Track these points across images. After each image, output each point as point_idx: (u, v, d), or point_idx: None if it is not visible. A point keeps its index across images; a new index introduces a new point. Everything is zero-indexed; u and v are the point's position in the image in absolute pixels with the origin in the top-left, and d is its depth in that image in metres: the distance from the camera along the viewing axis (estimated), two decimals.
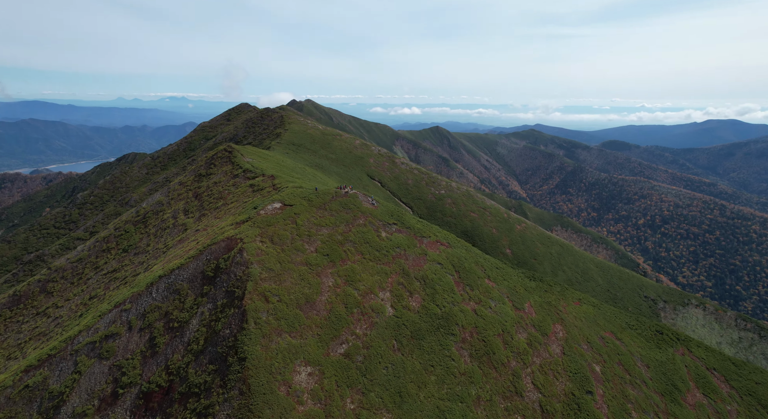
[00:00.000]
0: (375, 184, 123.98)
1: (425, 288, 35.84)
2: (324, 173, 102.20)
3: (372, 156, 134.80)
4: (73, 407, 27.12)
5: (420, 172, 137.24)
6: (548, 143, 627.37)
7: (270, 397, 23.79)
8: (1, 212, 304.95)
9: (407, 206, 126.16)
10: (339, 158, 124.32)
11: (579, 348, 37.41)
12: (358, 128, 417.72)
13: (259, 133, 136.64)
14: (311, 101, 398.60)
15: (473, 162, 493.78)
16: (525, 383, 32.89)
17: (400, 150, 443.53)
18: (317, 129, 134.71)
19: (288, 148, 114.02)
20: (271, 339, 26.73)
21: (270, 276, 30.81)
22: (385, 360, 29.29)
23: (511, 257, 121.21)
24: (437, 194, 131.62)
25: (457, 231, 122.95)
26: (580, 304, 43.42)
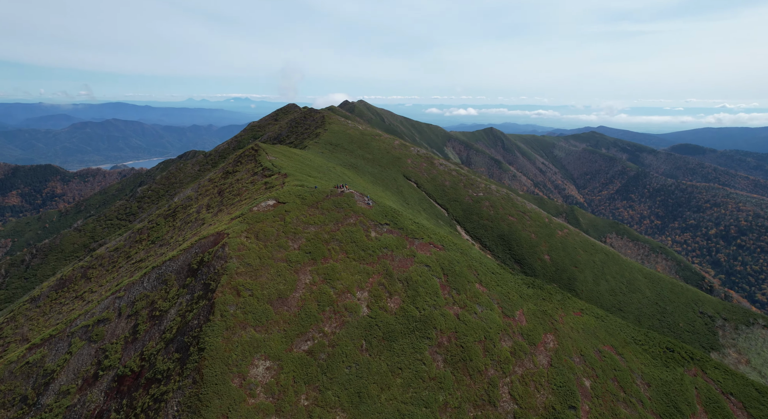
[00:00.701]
0: (410, 185, 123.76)
1: (407, 290, 35.55)
2: (356, 173, 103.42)
3: (410, 157, 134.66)
4: (59, 385, 29.51)
5: (458, 174, 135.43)
6: (610, 146, 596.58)
7: (221, 388, 24.69)
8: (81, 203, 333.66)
9: (442, 207, 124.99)
10: (376, 159, 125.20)
11: (569, 361, 35.58)
12: (410, 128, 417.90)
13: (301, 132, 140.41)
14: (363, 102, 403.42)
15: (528, 165, 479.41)
16: (501, 393, 31.80)
17: (451, 151, 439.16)
18: (357, 130, 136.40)
19: (325, 147, 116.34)
20: (234, 331, 27.70)
21: (247, 271, 31.88)
22: (349, 359, 29.42)
23: (549, 264, 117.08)
24: (475, 197, 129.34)
25: (493, 235, 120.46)
26: (581, 315, 41.24)
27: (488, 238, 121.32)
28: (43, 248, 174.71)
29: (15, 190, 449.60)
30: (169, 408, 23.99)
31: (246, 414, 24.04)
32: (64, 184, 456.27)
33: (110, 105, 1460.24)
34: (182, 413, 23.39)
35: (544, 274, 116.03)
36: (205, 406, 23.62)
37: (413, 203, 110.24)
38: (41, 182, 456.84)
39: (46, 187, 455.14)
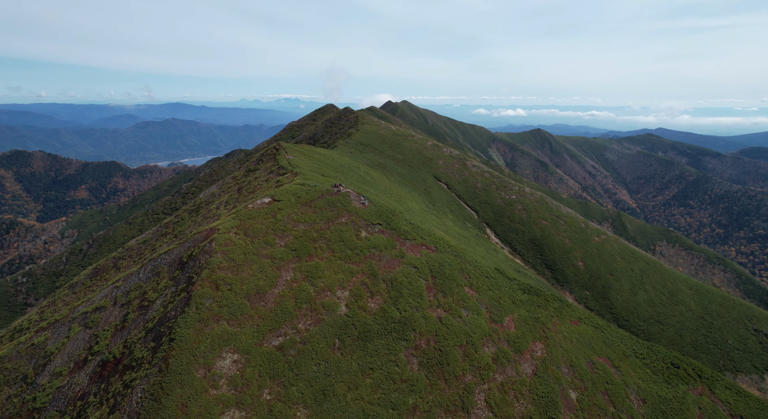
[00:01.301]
0: (440, 186, 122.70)
1: (390, 291, 35.40)
2: (383, 173, 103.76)
3: (442, 158, 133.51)
4: (54, 366, 31.66)
5: (491, 175, 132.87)
6: (668, 149, 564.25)
7: (185, 378, 25.65)
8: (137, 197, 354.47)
9: (473, 210, 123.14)
10: (406, 159, 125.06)
11: (556, 371, 34.17)
12: (453, 129, 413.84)
13: (335, 132, 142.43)
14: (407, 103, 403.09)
15: (576, 168, 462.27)
16: (476, 399, 31.04)
17: (495, 153, 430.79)
18: (389, 130, 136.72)
19: (355, 147, 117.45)
20: (207, 324, 28.68)
21: (229, 266, 32.88)
22: (319, 357, 29.71)
23: (582, 271, 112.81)
24: (507, 199, 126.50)
25: (524, 239, 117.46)
26: (579, 324, 39.45)
27: (518, 242, 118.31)
28: (98, 239, 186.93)
29: (84, 184, 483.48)
30: (134, 394, 25.22)
31: (206, 405, 24.87)
32: (125, 179, 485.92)
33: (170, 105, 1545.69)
34: (145, 399, 24.52)
35: (577, 281, 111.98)
36: (167, 394, 24.63)
37: (441, 204, 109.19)
38: (106, 178, 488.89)
39: (110, 182, 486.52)
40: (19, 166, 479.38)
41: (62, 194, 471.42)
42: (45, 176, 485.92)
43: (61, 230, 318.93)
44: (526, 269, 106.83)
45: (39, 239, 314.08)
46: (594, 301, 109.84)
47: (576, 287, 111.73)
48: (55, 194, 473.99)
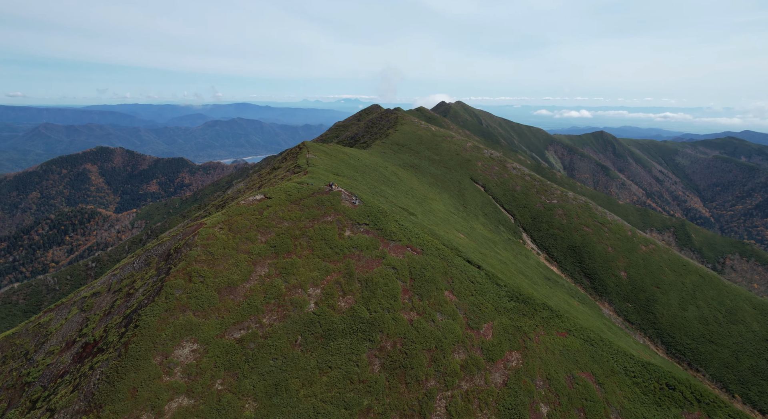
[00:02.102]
0: (477, 188, 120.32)
1: (363, 291, 35.37)
2: (414, 173, 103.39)
3: (481, 159, 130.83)
4: (49, 345, 34.56)
5: (532, 179, 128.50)
6: (753, 153, 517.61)
7: (141, 363, 27.15)
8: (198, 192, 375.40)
9: (509, 213, 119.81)
10: (443, 160, 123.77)
11: (530, 383, 32.64)
12: (509, 131, 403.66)
13: (375, 132, 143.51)
14: (461, 103, 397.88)
15: (642, 173, 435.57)
16: (436, 406, 30.36)
17: (552, 155, 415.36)
18: (429, 131, 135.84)
19: (390, 147, 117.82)
20: (172, 313, 30.14)
21: (207, 259, 34.31)
22: (278, 352, 30.31)
23: (624, 282, 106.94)
24: (547, 204, 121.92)
25: (562, 246, 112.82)
26: (566, 335, 37.35)
27: (556, 248, 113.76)
28: (156, 230, 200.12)
29: (155, 179, 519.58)
30: (93, 376, 27.07)
31: (156, 390, 26.20)
32: (191, 175, 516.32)
33: (236, 105, 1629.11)
34: (101, 382, 26.24)
35: (618, 292, 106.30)
36: (120, 378, 26.22)
37: (473, 206, 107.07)
38: (174, 173, 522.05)
39: (177, 177, 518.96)
40: (103, 161, 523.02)
41: (136, 187, 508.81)
42: (123, 170, 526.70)
43: (131, 220, 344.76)
44: (560, 277, 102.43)
45: (113, 228, 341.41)
46: (635, 314, 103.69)
47: (616, 298, 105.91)
48: (131, 188, 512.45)
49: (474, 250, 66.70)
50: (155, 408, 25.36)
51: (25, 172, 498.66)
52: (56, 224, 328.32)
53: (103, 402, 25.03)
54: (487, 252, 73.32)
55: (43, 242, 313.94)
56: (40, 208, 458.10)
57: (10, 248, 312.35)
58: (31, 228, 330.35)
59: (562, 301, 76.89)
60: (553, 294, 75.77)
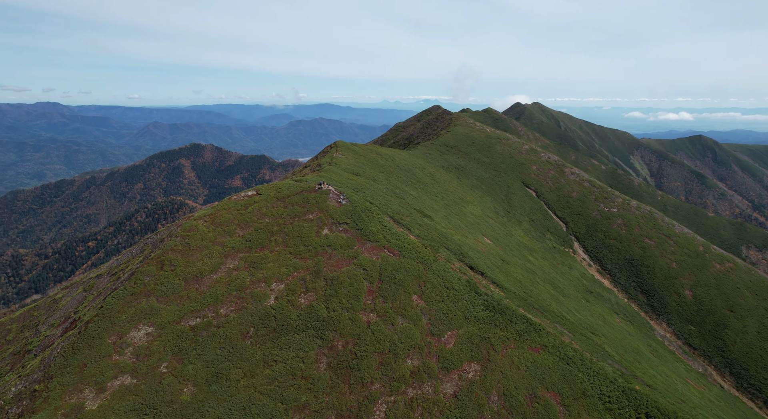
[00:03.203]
0: (528, 193, 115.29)
1: (327, 289, 35.67)
2: (456, 175, 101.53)
3: (536, 163, 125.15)
4: (53, 319, 38.82)
5: (591, 185, 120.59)
6: None
7: (96, 341, 29.70)
8: None
9: (562, 220, 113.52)
10: (493, 162, 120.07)
11: (482, 397, 31.00)
12: (589, 134, 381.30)
13: (429, 133, 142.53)
14: (538, 105, 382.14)
15: (750, 183, 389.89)
16: (376, 410, 29.93)
17: (638, 161, 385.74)
18: (483, 132, 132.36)
19: (437, 149, 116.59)
20: (137, 297, 32.59)
21: (182, 249, 36.59)
22: (227, 341, 31.61)
23: (689, 302, 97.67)
24: (605, 212, 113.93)
25: (618, 258, 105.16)
26: (540, 351, 34.78)
27: (611, 260, 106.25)
28: None
29: (239, 174, 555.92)
30: (56, 349, 30.14)
31: (103, 367, 28.58)
32: (271, 171, 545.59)
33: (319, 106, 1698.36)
34: (58, 355, 29.15)
35: (679, 312, 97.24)
36: (73, 353, 28.92)
37: (519, 212, 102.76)
38: (256, 169, 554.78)
39: (258, 173, 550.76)
40: (195, 157, 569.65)
41: (222, 181, 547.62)
42: (212, 165, 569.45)
43: None
44: (610, 292, 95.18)
45: None
46: (699, 339, 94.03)
47: (677, 319, 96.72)
48: (217, 182, 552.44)
49: (494, 256, 64.18)
50: (98, 384, 27.71)
51: (133, 165, 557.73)
52: (151, 213, 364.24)
53: (53, 374, 27.85)
54: (513, 260, 70.10)
55: (141, 229, 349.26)
56: (143, 197, 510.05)
57: (116, 233, 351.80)
58: (132, 215, 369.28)
59: (595, 316, 71.46)
60: (583, 308, 70.65)
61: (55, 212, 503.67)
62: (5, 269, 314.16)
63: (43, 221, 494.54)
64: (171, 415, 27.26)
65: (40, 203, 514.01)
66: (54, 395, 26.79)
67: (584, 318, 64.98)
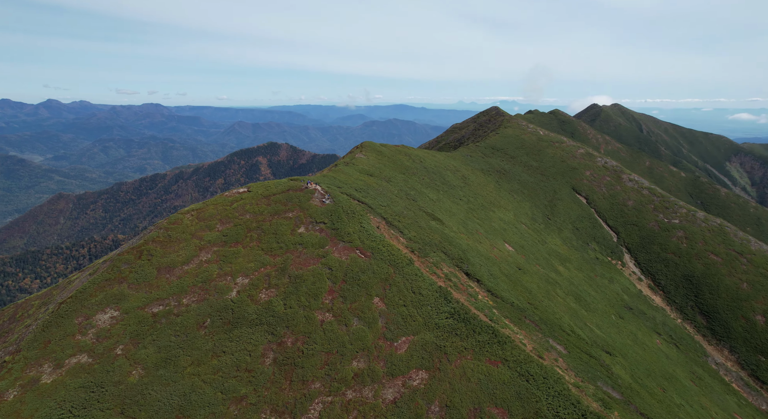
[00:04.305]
0: (577, 199, 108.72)
1: (288, 286, 36.24)
2: (495, 179, 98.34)
3: (590, 168, 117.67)
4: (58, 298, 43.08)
5: (651, 193, 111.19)
6: None
7: (64, 321, 32.56)
8: None
9: (612, 230, 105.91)
10: (541, 166, 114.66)
11: (422, 406, 29.88)
12: (676, 137, 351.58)
13: (480, 135, 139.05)
14: (618, 106, 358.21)
15: None
16: (311, 409, 30.00)
17: (736, 168, 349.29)
18: (535, 135, 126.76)
19: (481, 151, 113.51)
20: (110, 283, 35.27)
21: (163, 240, 38.97)
22: (182, 330, 33.22)
23: (760, 328, 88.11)
24: (664, 223, 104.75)
25: (676, 274, 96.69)
26: (498, 365, 32.71)
27: (666, 276, 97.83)
28: None
29: (310, 172, 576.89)
30: (31, 325, 33.47)
31: (64, 345, 31.29)
32: None
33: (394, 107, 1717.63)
34: (29, 332, 32.40)
35: (746, 340, 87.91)
36: (41, 331, 31.96)
37: (562, 219, 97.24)
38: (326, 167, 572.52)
39: None
40: (271, 155, 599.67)
41: None
42: (286, 163, 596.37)
43: None
44: (659, 310, 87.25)
45: None
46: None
47: (743, 346, 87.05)
48: None
49: (508, 264, 61.33)
50: (57, 361, 30.46)
51: (216, 162, 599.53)
52: None
53: (22, 348, 31.04)
54: (534, 269, 66.42)
55: None
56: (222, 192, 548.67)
57: None
58: None
59: (624, 335, 65.68)
60: (610, 325, 65.22)
61: (149, 202, 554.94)
62: (107, 252, 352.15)
63: (140, 210, 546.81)
64: (115, 395, 29.31)
65: (138, 194, 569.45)
66: (17, 367, 29.91)
67: (605, 335, 59.99)
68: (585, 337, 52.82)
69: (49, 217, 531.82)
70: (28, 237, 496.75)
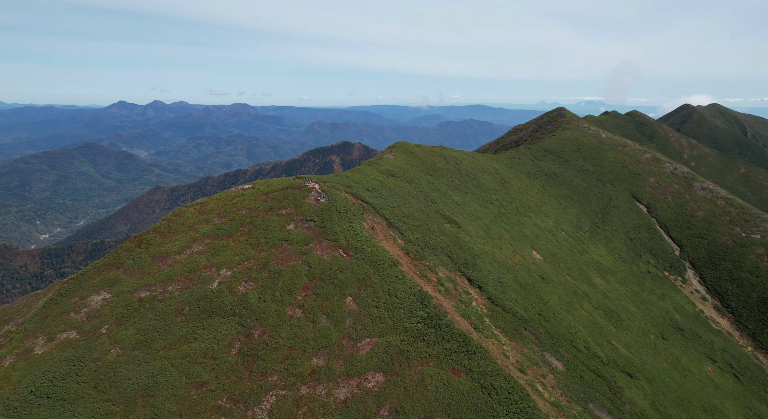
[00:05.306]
0: (636, 208, 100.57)
1: (267, 280, 37.23)
2: (543, 183, 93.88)
3: (656, 174, 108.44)
4: None
5: (728, 204, 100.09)
6: None
7: (63, 299, 35.97)
8: None
9: (676, 243, 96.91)
10: (598, 171, 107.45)
11: (371, 409, 29.40)
12: None
13: (537, 137, 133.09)
14: (717, 107, 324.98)
15: None
16: (264, 400, 30.72)
17: None
18: (596, 137, 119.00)
19: (531, 153, 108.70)
20: (108, 267, 38.41)
21: (164, 231, 41.73)
22: (161, 315, 35.38)
23: None
24: (741, 238, 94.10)
25: (752, 296, 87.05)
26: (461, 375, 31.15)
27: (738, 297, 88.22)
28: None
29: None
30: (40, 301, 37.37)
31: (58, 322, 34.60)
32: None
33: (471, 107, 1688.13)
34: (36, 308, 36.21)
35: None
36: (43, 307, 35.54)
37: (614, 228, 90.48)
38: None
39: None
40: (344, 153, 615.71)
41: None
42: (358, 162, 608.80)
43: None
44: (720, 333, 78.46)
45: None
46: None
47: None
48: None
49: (528, 272, 58.22)
50: (50, 334, 33.84)
51: (292, 159, 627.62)
52: None
53: (25, 321, 34.89)
54: (560, 279, 62.29)
55: None
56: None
57: None
58: None
59: (662, 358, 59.55)
60: (645, 345, 59.42)
61: None
62: None
63: None
64: (93, 370, 32.04)
65: (221, 187, 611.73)
66: (17, 337, 33.71)
67: (633, 356, 54.71)
68: (601, 355, 48.62)
69: (148, 206, 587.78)
70: (131, 224, 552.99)
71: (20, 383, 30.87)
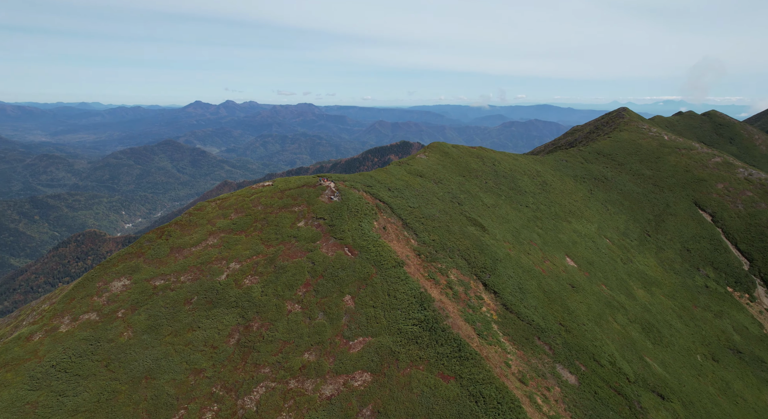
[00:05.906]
0: (699, 216, 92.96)
1: (271, 275, 38.22)
2: (590, 187, 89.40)
3: (726, 181, 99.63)
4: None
5: None
6: None
7: (88, 283, 38.95)
8: None
9: (744, 256, 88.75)
10: (656, 176, 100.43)
11: (354, 408, 29.49)
12: None
13: (593, 138, 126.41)
14: None
15: None
16: (255, 391, 31.66)
17: None
18: (657, 140, 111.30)
19: (582, 156, 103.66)
20: (131, 256, 41.08)
21: (185, 224, 44.02)
22: (171, 303, 37.35)
23: None
24: None
25: None
26: (450, 381, 30.25)
27: None
28: None
29: None
30: (70, 285, 40.64)
31: (82, 304, 37.45)
32: None
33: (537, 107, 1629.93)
34: (65, 290, 39.51)
35: None
36: (72, 289, 38.59)
37: (668, 237, 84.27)
38: None
39: None
40: (402, 153, 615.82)
41: None
42: None
43: None
44: None
45: None
46: None
47: None
48: None
49: (557, 280, 55.54)
50: (73, 316, 36.84)
51: (352, 158, 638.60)
52: None
53: (56, 302, 38.23)
54: (594, 289, 58.69)
55: None
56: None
57: None
58: None
59: (709, 381, 54.60)
60: (687, 366, 54.65)
61: None
62: None
63: None
64: (106, 350, 34.55)
65: None
66: (47, 316, 37.06)
67: (670, 376, 50.41)
68: (628, 372, 45.28)
69: None
70: None
71: (45, 357, 33.91)
